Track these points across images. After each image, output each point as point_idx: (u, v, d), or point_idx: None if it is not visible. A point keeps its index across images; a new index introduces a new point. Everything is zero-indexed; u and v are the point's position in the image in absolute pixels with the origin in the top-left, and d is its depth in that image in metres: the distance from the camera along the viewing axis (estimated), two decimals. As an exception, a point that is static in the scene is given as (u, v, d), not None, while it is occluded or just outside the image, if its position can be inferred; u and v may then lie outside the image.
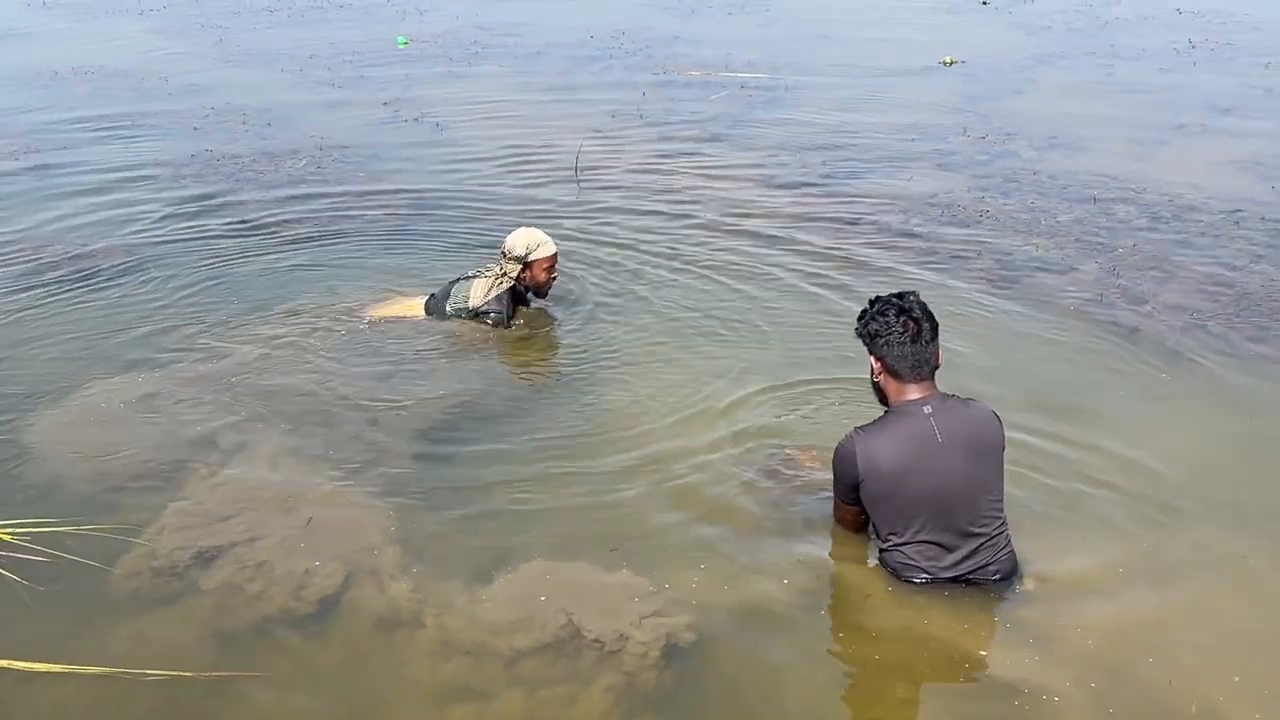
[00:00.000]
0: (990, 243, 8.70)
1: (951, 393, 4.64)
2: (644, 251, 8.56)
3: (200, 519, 5.17)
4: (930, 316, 4.60)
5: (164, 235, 8.92)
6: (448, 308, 7.28)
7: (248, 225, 9.17)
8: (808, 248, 8.65)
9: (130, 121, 12.47)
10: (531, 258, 7.19)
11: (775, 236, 8.89)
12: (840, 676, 4.40)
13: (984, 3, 20.06)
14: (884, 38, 16.96)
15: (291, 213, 9.45)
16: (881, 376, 4.63)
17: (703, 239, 8.84)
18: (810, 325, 7.29)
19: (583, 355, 7.02)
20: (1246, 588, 4.80)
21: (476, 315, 7.24)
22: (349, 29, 18.18)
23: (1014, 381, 6.43)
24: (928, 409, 4.51)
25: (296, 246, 8.70)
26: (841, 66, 15.10)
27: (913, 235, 8.87)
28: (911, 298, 4.65)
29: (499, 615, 4.54)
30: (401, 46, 16.74)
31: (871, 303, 4.72)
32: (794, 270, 8.21)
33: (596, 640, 4.38)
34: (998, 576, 4.63)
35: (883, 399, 4.70)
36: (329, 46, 16.63)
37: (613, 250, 8.58)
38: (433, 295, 7.41)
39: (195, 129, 12.20)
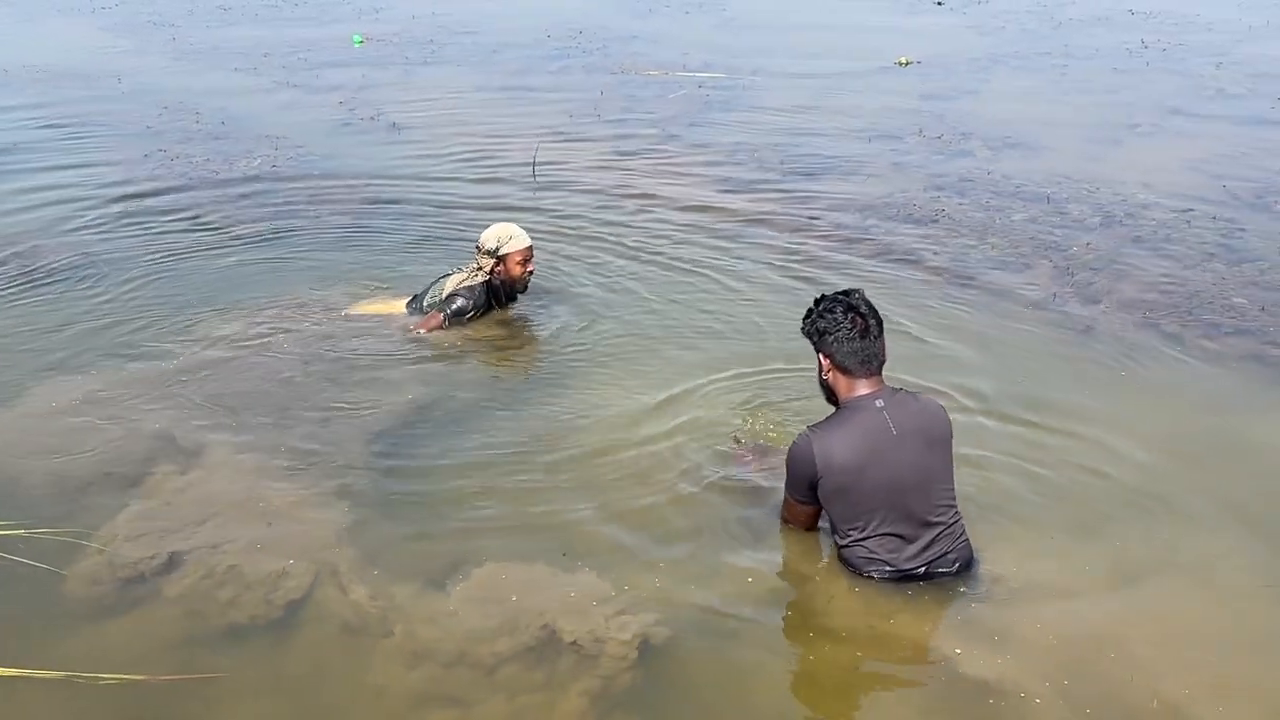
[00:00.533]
0: (946, 242, 8.75)
1: (898, 387, 4.70)
2: (602, 250, 8.56)
3: (158, 523, 5.11)
4: (875, 313, 4.65)
5: (117, 234, 8.84)
6: (424, 303, 7.26)
7: (202, 224, 9.10)
8: (765, 246, 8.69)
9: (82, 120, 12.36)
10: (503, 251, 7.12)
11: (733, 235, 8.92)
12: (808, 677, 4.39)
13: (939, 3, 20.18)
14: (840, 38, 17.03)
15: (246, 212, 9.39)
16: (831, 374, 4.66)
17: (660, 238, 8.84)
18: (765, 322, 7.28)
19: (537, 355, 7.02)
20: (1205, 584, 4.82)
21: (446, 306, 7.16)
22: (304, 27, 18.09)
23: (970, 379, 6.46)
24: (879, 402, 4.56)
25: (251, 245, 8.65)
26: (798, 66, 15.16)
27: (869, 234, 8.91)
28: (857, 294, 4.69)
29: (471, 621, 4.51)
30: (357, 45, 16.67)
31: (817, 301, 4.75)
32: (751, 269, 8.24)
33: (574, 643, 4.35)
34: (957, 565, 4.68)
35: (831, 397, 4.73)
36: (284, 45, 16.54)
37: (570, 248, 8.56)
38: (415, 295, 7.38)
39: (148, 128, 12.10)
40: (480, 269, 7.21)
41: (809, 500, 4.73)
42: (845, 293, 4.71)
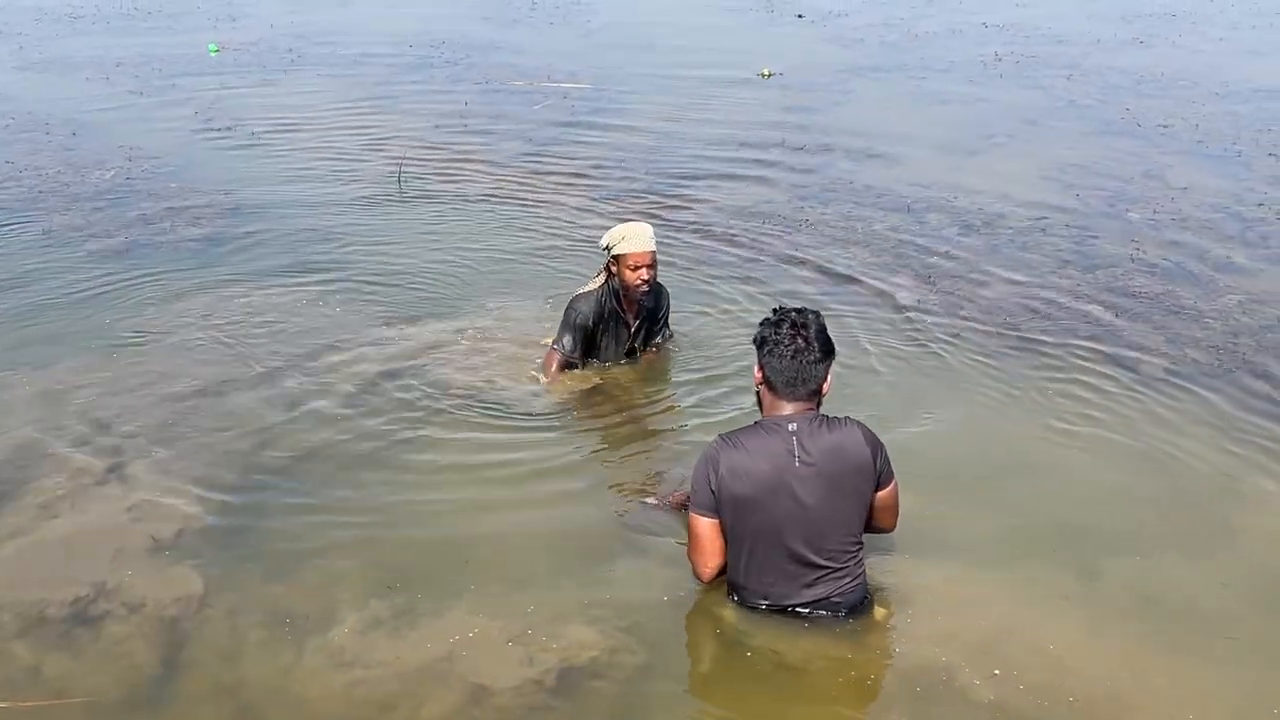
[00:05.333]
0: (811, 250, 8.84)
1: (824, 415, 4.44)
2: (471, 264, 8.49)
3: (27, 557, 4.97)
4: (823, 338, 4.43)
5: (-40, 251, 8.51)
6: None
7: (52, 239, 8.80)
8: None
9: (-78, 132, 11.90)
10: (615, 251, 6.31)
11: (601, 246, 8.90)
12: (721, 709, 4.29)
13: (799, 16, 20.45)
14: (704, 50, 17.16)
15: (99, 226, 9.09)
16: (760, 387, 4.49)
17: (527, 248, 8.80)
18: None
19: (413, 373, 6.88)
20: (1074, 581, 4.93)
21: (560, 333, 6.51)
22: (158, 36, 17.67)
23: (836, 390, 6.51)
24: (793, 426, 4.33)
25: (104, 261, 8.36)
26: (663, 78, 15.24)
27: (735, 243, 8.97)
28: (811, 315, 4.49)
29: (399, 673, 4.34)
30: (213, 54, 16.33)
31: (774, 310, 4.59)
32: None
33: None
34: (842, 613, 4.49)
35: (759, 406, 4.57)
36: (137, 54, 16.13)
37: (440, 263, 8.48)
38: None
39: (-7, 140, 11.70)
40: (603, 271, 6.51)
41: (709, 511, 4.41)
42: (799, 312, 4.50)
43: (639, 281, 6.29)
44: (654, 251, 6.31)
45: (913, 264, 8.63)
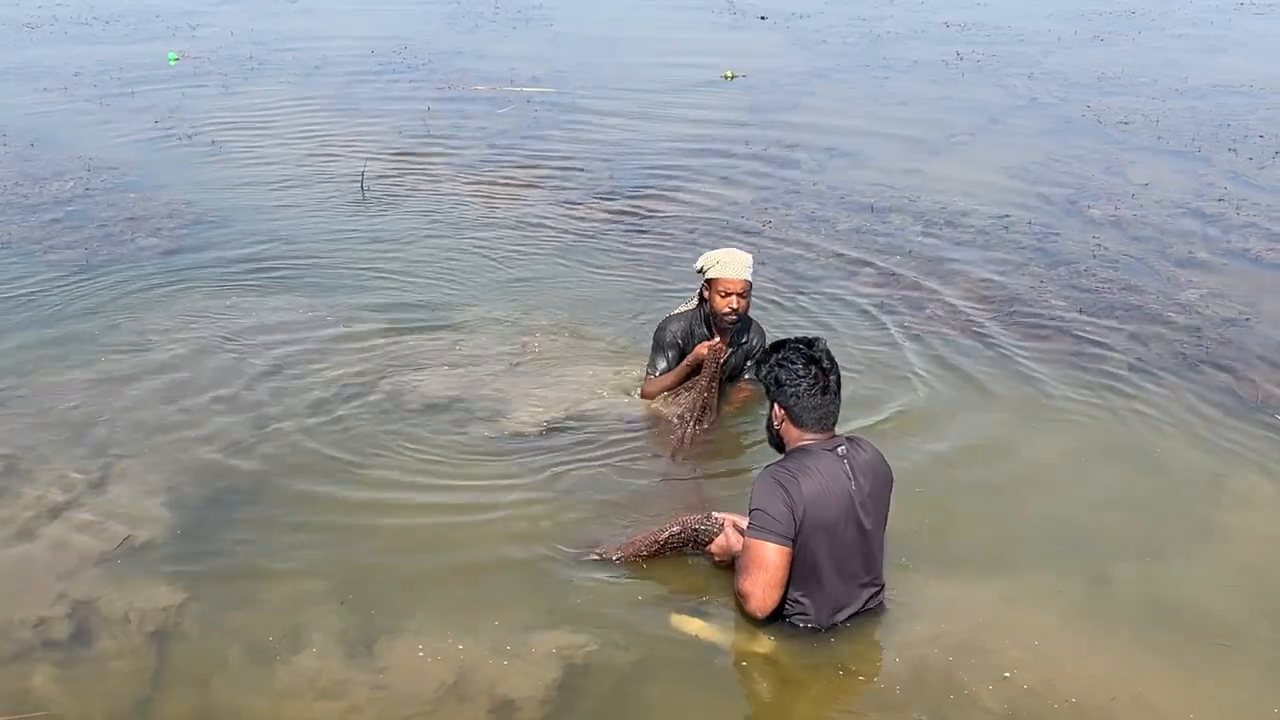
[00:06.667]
0: (774, 251, 8.85)
1: (849, 435, 4.48)
2: (437, 270, 8.46)
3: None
4: (836, 366, 4.44)
5: (-84, 264, 8.39)
6: None
7: (9, 251, 8.69)
8: (598, 258, 8.72)
9: (-124, 144, 11.74)
10: (709, 275, 6.04)
11: (566, 249, 8.92)
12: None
13: (762, 18, 20.47)
14: (667, 52, 17.13)
15: (58, 237, 8.97)
16: (783, 424, 4.43)
17: (493, 254, 8.77)
18: (606, 338, 7.27)
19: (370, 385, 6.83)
20: (1067, 584, 4.95)
21: (653, 356, 6.33)
22: (116, 45, 17.50)
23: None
24: (841, 449, 4.32)
25: (63, 272, 8.24)
26: (626, 81, 15.21)
27: (698, 244, 8.94)
28: (820, 345, 4.47)
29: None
30: (173, 63, 16.18)
31: (776, 347, 4.51)
32: (587, 281, 8.29)
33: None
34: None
35: (778, 444, 4.51)
36: (95, 63, 15.97)
37: (406, 270, 8.44)
38: None
39: (-51, 151, 11.56)
40: (696, 295, 6.30)
41: (786, 539, 4.24)
42: (808, 342, 4.47)
43: (727, 309, 5.98)
44: (747, 281, 5.99)
45: (876, 264, 8.64)
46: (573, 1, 22.10)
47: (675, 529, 4.84)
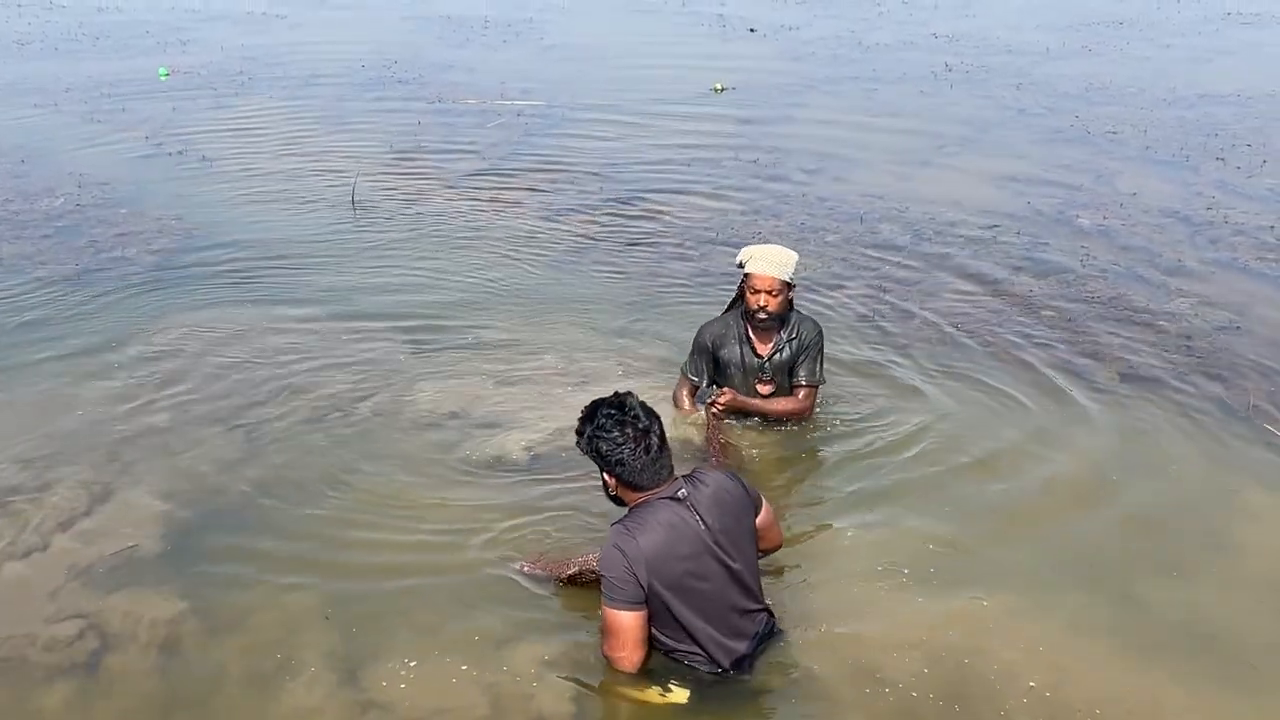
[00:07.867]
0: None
1: (681, 475, 4.31)
2: (427, 283, 8.45)
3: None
4: (653, 416, 4.25)
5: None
6: None
7: (0, 267, 8.68)
8: (588, 269, 8.73)
9: None
10: (745, 270, 5.94)
11: (557, 261, 8.93)
12: None
13: (751, 30, 20.53)
14: (657, 65, 17.19)
15: (49, 253, 8.97)
16: (619, 490, 4.28)
17: (482, 266, 8.77)
18: (596, 350, 7.27)
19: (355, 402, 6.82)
20: (1078, 599, 4.96)
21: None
22: (107, 61, 17.52)
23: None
24: (682, 493, 4.18)
25: (54, 288, 8.23)
26: (617, 93, 15.25)
27: (687, 256, 8.98)
28: (630, 403, 4.25)
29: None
30: (163, 78, 16.20)
31: (588, 415, 4.30)
32: (577, 292, 8.28)
33: None
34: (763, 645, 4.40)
35: (621, 504, 4.35)
36: (86, 79, 15.98)
37: (396, 283, 8.44)
38: None
39: (-61, 167, 11.55)
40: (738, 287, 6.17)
41: (634, 604, 4.11)
42: (619, 404, 4.25)
43: (756, 306, 5.88)
44: (778, 279, 5.83)
45: (865, 274, 8.66)
46: (563, 15, 22.18)
47: (573, 571, 4.79)
